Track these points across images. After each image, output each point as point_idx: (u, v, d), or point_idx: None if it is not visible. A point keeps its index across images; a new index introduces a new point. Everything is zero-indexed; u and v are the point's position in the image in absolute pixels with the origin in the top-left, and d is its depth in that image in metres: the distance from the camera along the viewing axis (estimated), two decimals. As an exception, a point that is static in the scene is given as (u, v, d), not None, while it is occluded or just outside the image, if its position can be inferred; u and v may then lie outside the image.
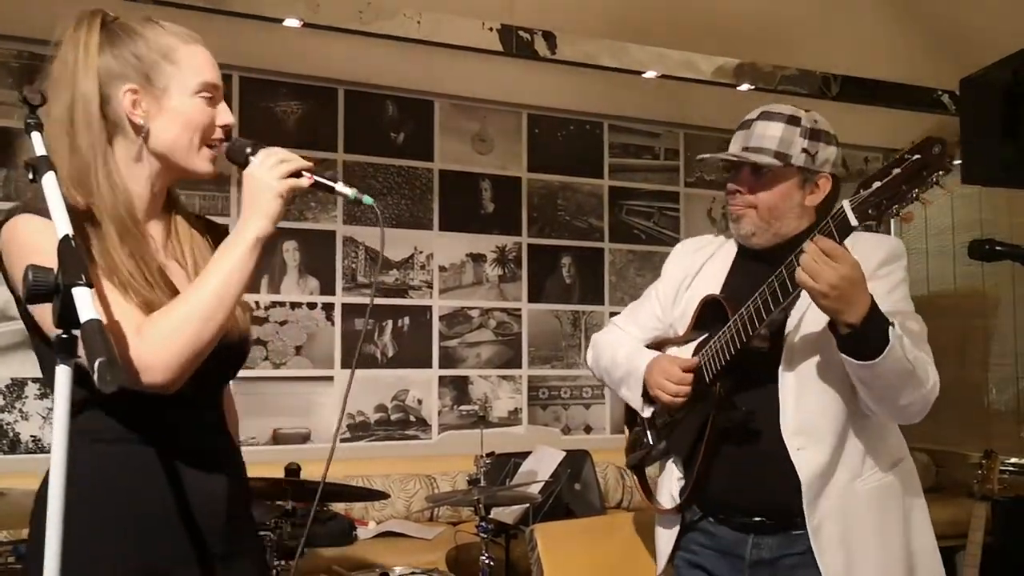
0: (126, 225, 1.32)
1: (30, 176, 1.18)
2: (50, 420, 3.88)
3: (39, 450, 3.86)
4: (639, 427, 2.06)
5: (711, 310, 1.87)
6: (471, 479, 3.31)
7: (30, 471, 3.56)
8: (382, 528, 4.14)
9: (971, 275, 5.40)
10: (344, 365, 4.51)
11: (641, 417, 2.04)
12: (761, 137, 1.79)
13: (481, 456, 3.35)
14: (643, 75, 4.31)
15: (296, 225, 4.40)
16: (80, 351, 0.95)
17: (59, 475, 0.94)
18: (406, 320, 4.67)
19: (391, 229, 4.57)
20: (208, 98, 1.38)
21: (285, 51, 4.10)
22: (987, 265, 4.64)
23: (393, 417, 4.62)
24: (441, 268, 4.75)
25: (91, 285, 0.96)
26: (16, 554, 2.56)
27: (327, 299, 4.49)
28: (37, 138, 1.21)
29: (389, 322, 4.63)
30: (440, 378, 4.73)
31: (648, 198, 5.26)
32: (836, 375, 1.72)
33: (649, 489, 2.05)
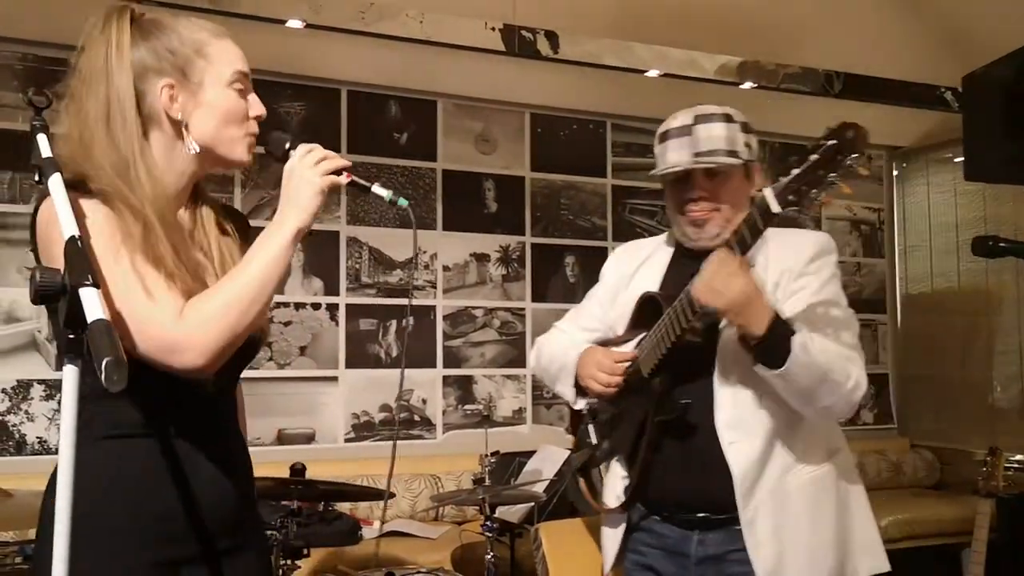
0: (167, 217, 1.34)
1: (36, 178, 1.18)
2: (56, 421, 3.90)
3: (45, 451, 3.87)
4: (582, 428, 2.08)
5: (648, 307, 1.89)
6: (476, 478, 3.32)
7: (36, 472, 3.57)
8: (387, 528, 4.15)
9: (975, 272, 5.39)
10: (348, 365, 4.52)
11: (584, 419, 2.07)
12: (708, 140, 1.81)
13: (486, 455, 3.36)
14: (646, 74, 4.31)
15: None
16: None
17: (67, 473, 0.95)
18: (410, 320, 4.68)
19: (394, 229, 4.57)
20: (240, 89, 1.40)
21: (288, 52, 4.11)
22: (991, 262, 4.63)
23: (398, 417, 4.63)
24: (445, 268, 4.75)
25: (98, 286, 0.97)
26: (23, 554, 2.57)
27: (331, 299, 4.50)
28: (43, 140, 1.22)
29: (393, 322, 4.63)
30: (444, 378, 4.74)
31: (651, 197, 5.25)
32: None
33: (595, 490, 2.05)
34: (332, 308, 4.50)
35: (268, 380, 4.32)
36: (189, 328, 1.25)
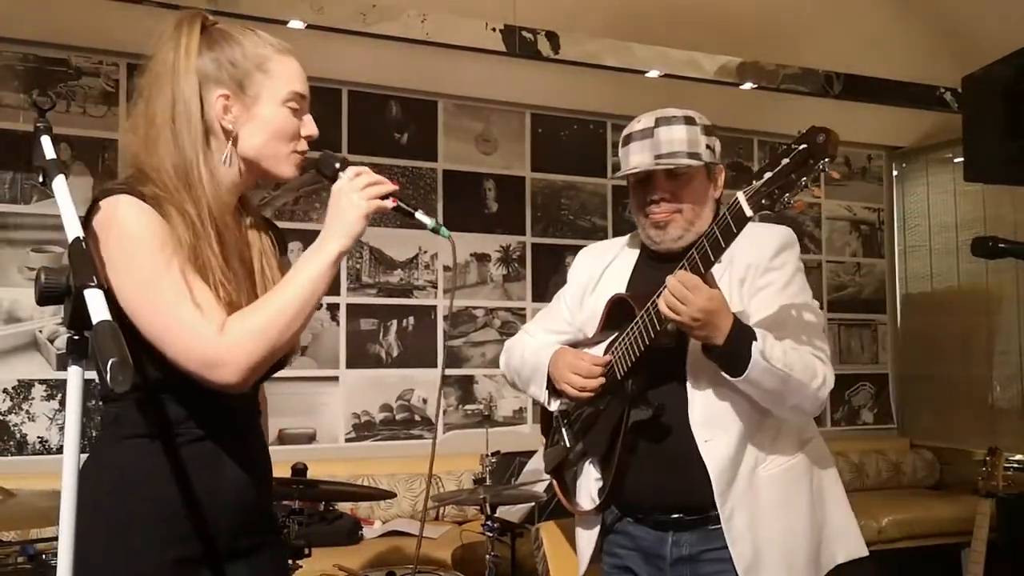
0: (218, 225, 1.36)
1: (40, 179, 1.19)
2: (56, 421, 3.91)
3: (46, 451, 3.88)
4: (555, 429, 2.09)
5: (618, 309, 1.91)
6: (476, 478, 3.32)
7: (37, 472, 3.60)
8: (388, 527, 4.16)
9: (975, 272, 5.40)
10: (349, 365, 4.52)
11: (557, 420, 2.07)
12: (670, 142, 1.82)
13: (486, 455, 3.36)
14: (646, 74, 4.31)
15: (300, 226, 4.41)
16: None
17: (71, 473, 0.95)
18: (411, 320, 4.68)
19: (394, 229, 4.57)
20: (295, 108, 1.42)
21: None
22: (991, 262, 4.65)
23: (398, 417, 4.63)
24: (445, 268, 4.76)
25: (102, 287, 0.98)
26: (25, 554, 2.57)
27: (332, 299, 4.50)
28: (47, 142, 1.22)
29: (394, 322, 4.64)
30: (445, 377, 4.74)
31: (651, 197, 5.26)
32: None
33: (569, 491, 2.06)
34: (333, 308, 4.51)
35: (269, 380, 4.31)
36: (230, 344, 1.27)
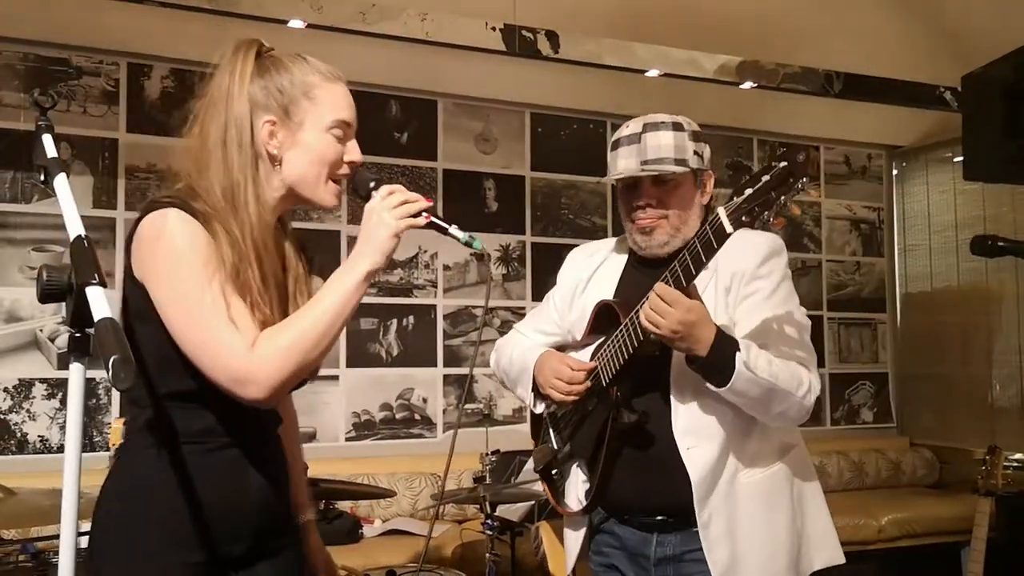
0: (260, 246, 1.39)
1: (41, 178, 1.19)
2: (57, 420, 3.91)
3: (47, 450, 3.88)
4: (544, 430, 2.11)
5: (605, 314, 1.92)
6: (476, 477, 3.32)
7: (38, 471, 3.60)
8: (388, 526, 4.16)
9: (974, 271, 5.40)
10: (349, 364, 4.52)
11: (546, 421, 2.09)
12: (657, 148, 1.83)
13: (486, 454, 3.37)
14: (646, 74, 4.31)
15: (301, 225, 4.39)
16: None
17: (72, 472, 0.95)
18: (411, 319, 4.69)
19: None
20: (339, 136, 1.46)
21: (288, 53, 4.11)
22: (990, 261, 4.66)
23: (398, 416, 4.64)
24: (445, 267, 4.76)
25: (104, 284, 0.98)
26: (26, 552, 2.58)
27: (332, 299, 4.49)
28: (48, 140, 1.23)
29: (394, 321, 4.64)
30: (445, 376, 4.75)
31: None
32: None
33: (557, 492, 2.08)
34: (333, 307, 4.50)
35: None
36: (260, 361, 1.29)
